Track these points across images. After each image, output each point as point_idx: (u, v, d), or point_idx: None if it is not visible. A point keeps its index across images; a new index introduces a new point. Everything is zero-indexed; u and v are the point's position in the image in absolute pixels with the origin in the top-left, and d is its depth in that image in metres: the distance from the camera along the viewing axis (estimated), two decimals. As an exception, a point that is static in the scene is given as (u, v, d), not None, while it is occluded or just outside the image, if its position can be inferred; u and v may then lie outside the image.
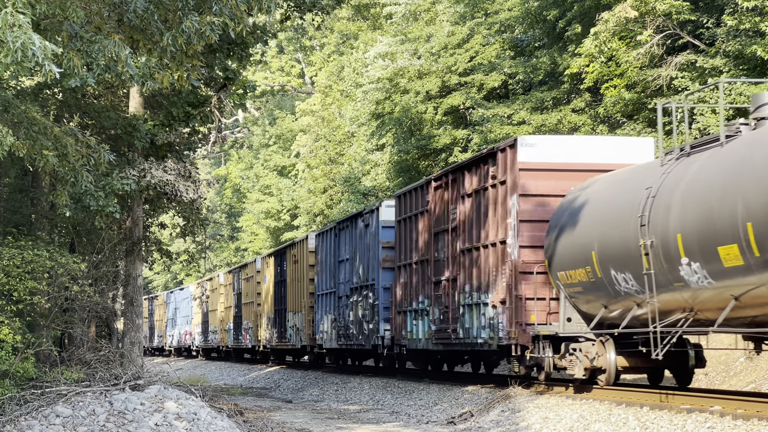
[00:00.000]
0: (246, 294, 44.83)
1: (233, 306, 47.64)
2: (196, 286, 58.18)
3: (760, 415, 12.58)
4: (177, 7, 12.24)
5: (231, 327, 48.00)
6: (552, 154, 19.02)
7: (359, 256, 28.50)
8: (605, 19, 26.84)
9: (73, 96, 20.41)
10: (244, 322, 44.76)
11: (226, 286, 50.25)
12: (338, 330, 30.10)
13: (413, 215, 24.45)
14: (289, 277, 36.81)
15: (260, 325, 41.47)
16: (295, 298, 35.85)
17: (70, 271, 18.43)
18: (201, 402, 15.18)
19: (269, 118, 68.59)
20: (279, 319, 38.27)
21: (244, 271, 45.99)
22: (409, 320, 24.44)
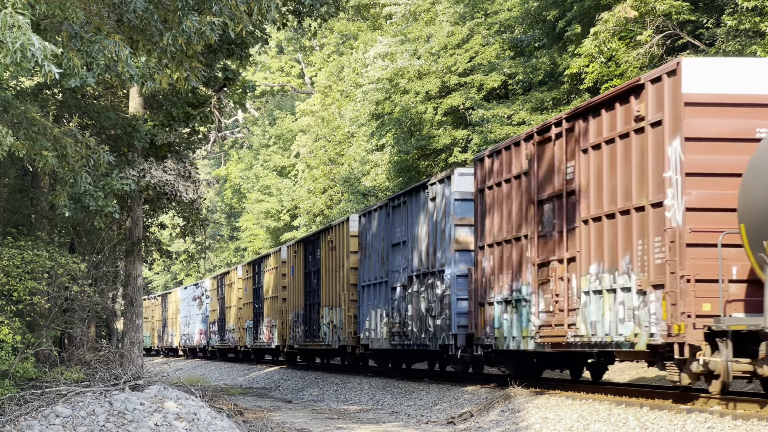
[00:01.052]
0: (268, 288, 40.45)
1: (253, 302, 43.47)
2: (211, 281, 54.27)
3: (760, 415, 12.58)
4: (177, 7, 12.25)
5: (250, 325, 43.77)
6: (731, 82, 14.56)
7: (421, 237, 24.06)
8: (605, 19, 26.85)
9: (72, 96, 20.41)
10: (266, 320, 40.48)
11: (245, 280, 45.90)
12: (391, 327, 25.88)
13: (501, 182, 20.02)
14: (324, 267, 32.31)
15: (286, 323, 37.31)
16: (331, 291, 31.51)
17: (70, 271, 18.43)
18: (201, 402, 15.18)
19: (269, 118, 68.60)
20: (310, 316, 34.02)
21: (266, 262, 41.43)
22: (496, 314, 20.02)
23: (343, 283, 30.05)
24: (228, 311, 48.86)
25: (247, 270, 45.61)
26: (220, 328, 51.04)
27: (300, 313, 35.20)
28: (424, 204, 23.94)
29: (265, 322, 40.43)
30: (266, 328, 40.34)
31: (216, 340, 51.70)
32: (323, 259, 32.39)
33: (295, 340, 35.94)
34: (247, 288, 44.95)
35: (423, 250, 23.85)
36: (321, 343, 32.34)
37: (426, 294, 23.59)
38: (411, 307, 24.59)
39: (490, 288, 20.41)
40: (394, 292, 25.94)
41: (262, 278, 41.99)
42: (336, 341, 30.63)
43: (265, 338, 40.42)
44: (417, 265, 24.29)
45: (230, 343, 48.23)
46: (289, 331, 36.84)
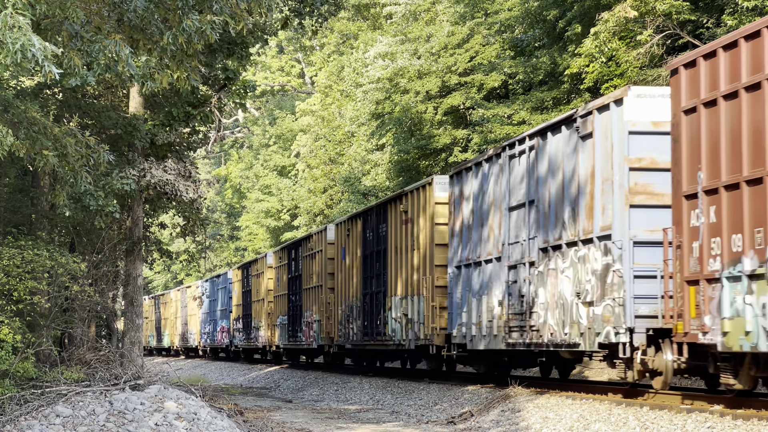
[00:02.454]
0: (310, 276, 34.21)
1: (288, 293, 37.15)
2: (235, 271, 48.03)
3: (760, 415, 12.58)
4: (177, 6, 12.25)
5: (284, 321, 37.49)
6: None
7: (563, 192, 17.72)
8: (605, 19, 26.84)
9: (73, 96, 20.42)
10: (306, 314, 34.38)
11: (278, 269, 39.45)
12: (508, 320, 19.51)
13: (740, 90, 13.23)
14: (393, 246, 25.92)
15: (334, 318, 31.25)
16: (404, 276, 25.19)
17: (70, 271, 18.44)
18: (201, 402, 15.18)
19: (269, 118, 68.62)
20: (370, 308, 27.67)
21: (306, 245, 34.97)
22: (726, 296, 13.31)
23: (425, 264, 23.70)
24: (255, 306, 42.75)
25: (280, 256, 39.08)
26: (245, 325, 44.83)
27: (355, 305, 28.94)
28: (570, 144, 17.50)
29: (304, 317, 34.50)
30: (306, 324, 34.45)
31: (240, 339, 45.83)
32: (392, 235, 25.92)
33: (348, 339, 29.69)
34: (281, 277, 38.53)
35: (566, 210, 17.47)
36: (387, 342, 26.03)
37: (572, 271, 17.16)
38: (544, 291, 18.11)
39: (711, 257, 13.76)
40: (513, 272, 19.42)
41: (300, 265, 35.53)
42: (412, 339, 24.33)
43: (304, 336, 34.56)
44: (555, 231, 17.86)
45: (258, 343, 42.07)
46: (338, 327, 30.71)
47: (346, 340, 30.01)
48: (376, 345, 27.40)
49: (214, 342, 51.67)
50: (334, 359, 34.08)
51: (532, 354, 20.70)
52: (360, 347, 29.41)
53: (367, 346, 28.37)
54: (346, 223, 30.24)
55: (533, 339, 18.51)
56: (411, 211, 24.77)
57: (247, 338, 44.31)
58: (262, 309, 41.06)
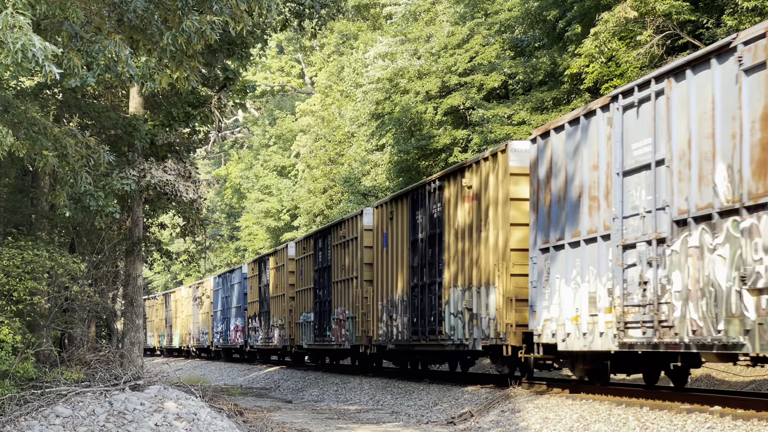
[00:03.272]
0: (340, 267, 30.35)
1: (314, 288, 33.48)
2: (250, 266, 44.48)
3: (760, 415, 12.58)
4: (177, 7, 12.25)
5: (309, 319, 33.93)
6: None
7: (706, 146, 13.82)
8: (605, 20, 26.85)
9: (73, 96, 20.42)
10: (336, 310, 30.59)
11: (300, 261, 35.53)
12: (622, 314, 15.52)
13: None
14: (450, 228, 22.26)
15: (372, 314, 27.49)
16: (465, 263, 21.46)
17: (70, 271, 18.44)
18: (201, 402, 15.18)
19: (269, 118, 68.65)
20: (420, 302, 23.79)
21: (335, 233, 31.00)
22: None
23: (496, 249, 19.97)
24: (274, 302, 38.92)
25: (303, 247, 35.19)
26: (262, 323, 40.96)
27: (400, 299, 25.23)
28: (726, 80, 13.43)
29: (334, 313, 30.71)
30: (337, 322, 30.60)
31: (257, 339, 41.90)
32: (450, 215, 22.29)
33: (390, 338, 25.88)
34: (304, 270, 34.89)
35: (719, 167, 13.40)
36: (444, 342, 22.33)
37: (730, 249, 13.16)
38: (681, 275, 14.17)
39: None
40: (629, 253, 15.49)
41: (329, 255, 31.82)
42: (477, 338, 20.71)
43: (334, 336, 30.89)
44: (700, 197, 13.87)
45: (276, 342, 38.39)
46: (377, 325, 27.02)
47: (387, 340, 26.03)
48: (428, 345, 23.35)
49: (228, 342, 48.21)
50: (369, 361, 30.23)
51: (656, 356, 16.67)
52: (406, 348, 25.17)
53: (416, 346, 24.21)
54: (389, 205, 26.21)
55: (664, 338, 14.40)
56: (478, 186, 20.93)
57: (265, 338, 40.51)
58: (282, 305, 37.31)
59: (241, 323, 45.38)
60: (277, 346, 38.30)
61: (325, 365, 35.86)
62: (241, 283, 45.72)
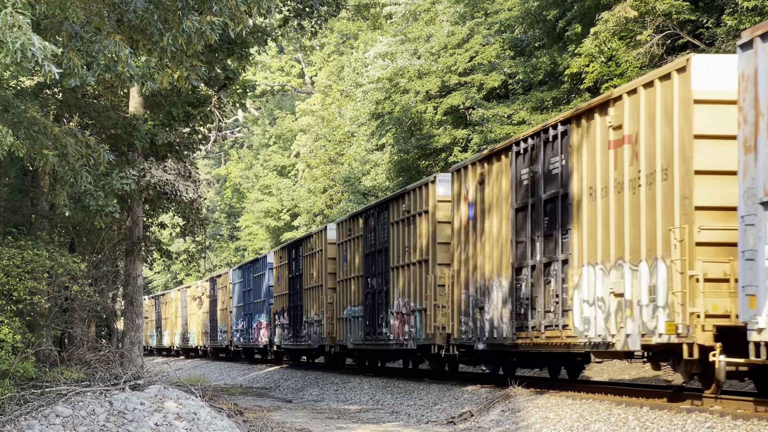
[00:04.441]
0: (401, 249, 25.16)
1: (363, 275, 28.18)
2: (276, 254, 39.61)
3: (759, 415, 12.58)
4: (177, 7, 12.25)
5: (355, 313, 28.80)
6: None
7: None
8: (605, 19, 26.85)
9: (73, 96, 20.42)
10: (396, 302, 25.25)
11: (343, 245, 30.37)
12: None
13: None
14: (581, 186, 16.83)
15: (452, 307, 22.07)
16: (604, 231, 16.10)
17: (70, 271, 18.44)
18: (201, 402, 15.18)
19: (269, 118, 68.67)
20: (537, 288, 18.09)
21: (395, 207, 25.66)
22: None
23: (668, 207, 14.60)
24: (308, 295, 33.95)
25: (349, 228, 29.81)
26: (293, 320, 35.83)
27: (496, 285, 19.74)
28: None
29: (393, 306, 25.60)
30: (396, 316, 25.42)
31: (286, 338, 36.84)
32: (579, 170, 16.80)
33: (480, 335, 20.45)
34: (349, 254, 29.78)
35: None
36: (570, 339, 16.82)
37: None
38: None
39: None
40: None
41: (384, 236, 26.29)
42: (632, 333, 15.28)
43: (391, 333, 25.69)
44: None
45: (311, 341, 33.34)
46: (457, 318, 21.70)
47: (475, 338, 20.79)
48: (540, 344, 18.10)
49: (250, 341, 42.97)
50: (443, 365, 24.82)
51: None
52: (507, 348, 19.63)
53: (521, 345, 18.93)
54: (478, 165, 20.91)
55: None
56: (631, 124, 15.56)
57: (294, 336, 35.54)
58: (319, 298, 32.30)
59: (265, 320, 40.51)
60: (311, 345, 33.25)
61: (378, 369, 30.25)
62: (266, 275, 40.63)
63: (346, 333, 29.71)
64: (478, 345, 20.73)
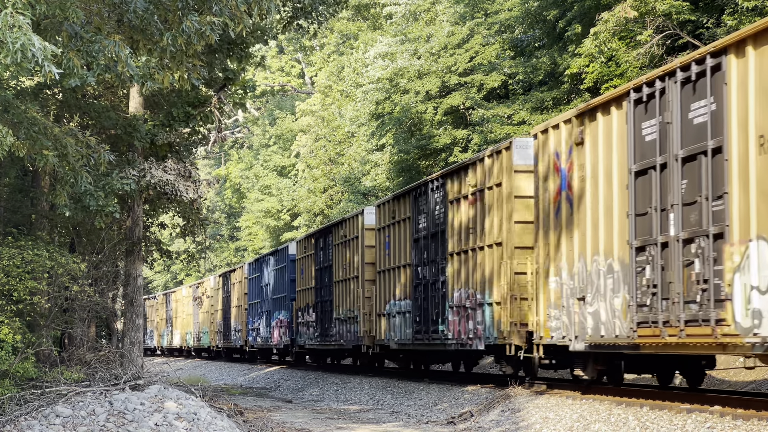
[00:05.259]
0: (462, 231, 21.28)
1: (411, 263, 24.20)
2: (300, 244, 35.46)
3: (760, 415, 12.58)
4: (177, 7, 12.26)
5: (404, 308, 24.71)
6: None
7: None
8: (605, 19, 26.86)
9: (73, 96, 20.42)
10: (458, 295, 21.39)
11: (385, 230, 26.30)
12: None
13: None
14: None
15: (539, 296, 18.03)
16: None
17: (70, 271, 18.44)
18: (201, 402, 15.18)
19: (269, 118, 68.69)
20: (671, 269, 14.12)
21: (457, 180, 21.69)
22: None
23: None
24: (339, 289, 30.28)
25: (392, 211, 25.78)
26: (321, 317, 32.19)
27: (603, 270, 15.89)
28: None
29: (452, 299, 21.62)
30: (457, 311, 21.40)
31: (312, 337, 33.42)
32: (755, 108, 12.69)
33: (580, 331, 16.42)
34: (392, 240, 25.78)
35: None
36: (728, 335, 12.88)
37: None
38: None
39: None
40: None
41: (440, 217, 22.60)
42: None
43: (450, 330, 21.71)
44: None
45: (343, 341, 29.88)
46: (546, 312, 17.65)
47: (571, 335, 16.73)
48: (678, 344, 14.07)
49: (268, 341, 39.69)
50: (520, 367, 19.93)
51: None
52: (620, 349, 15.70)
53: (643, 347, 15.00)
54: (578, 121, 16.88)
55: None
56: None
57: (322, 335, 31.94)
58: (354, 292, 28.78)
59: (286, 317, 36.83)
60: (343, 345, 29.72)
61: (430, 373, 26.34)
62: (287, 267, 36.78)
63: (389, 331, 25.82)
64: (575, 345, 16.56)
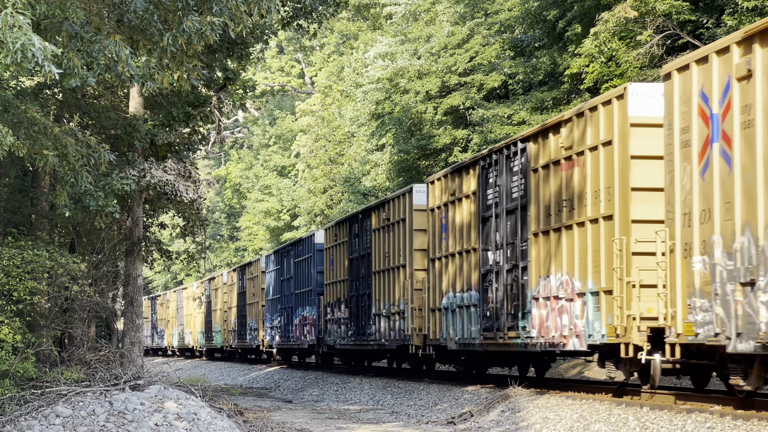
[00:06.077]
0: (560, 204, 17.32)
1: (480, 247, 20.34)
2: (333, 232, 31.55)
3: (760, 415, 12.58)
4: (177, 8, 12.26)
5: (468, 299, 21.02)
6: None
7: None
8: (605, 19, 26.85)
9: (73, 96, 20.42)
10: (543, 284, 17.79)
11: (445, 209, 22.55)
12: None
13: None
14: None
15: (668, 285, 14.19)
16: None
17: (70, 271, 18.44)
18: (201, 402, 15.18)
19: (269, 118, 68.68)
20: None
21: (543, 144, 17.95)
22: None
23: None
24: (379, 280, 26.48)
25: (451, 186, 22.22)
26: (356, 313, 28.45)
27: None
28: None
29: (537, 288, 17.94)
30: (540, 302, 17.84)
31: (344, 336, 29.76)
32: None
33: (746, 327, 12.22)
34: (450, 222, 22.18)
35: None
36: None
37: None
38: None
39: None
40: None
41: (523, 185, 18.57)
42: None
43: (534, 326, 17.93)
44: None
45: (385, 341, 25.93)
46: (682, 301, 13.87)
47: (728, 332, 12.64)
48: None
49: (290, 340, 36.02)
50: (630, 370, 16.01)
51: None
52: None
53: None
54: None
55: None
56: None
57: (358, 334, 28.24)
58: (397, 283, 25.05)
59: (312, 314, 33.18)
60: (385, 345, 25.93)
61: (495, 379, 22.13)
62: (313, 258, 33.26)
63: (446, 328, 22.03)
64: (737, 345, 12.46)
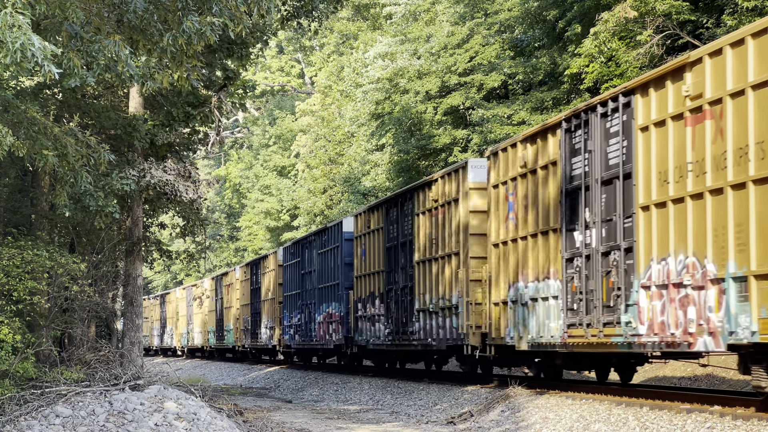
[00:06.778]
0: (683, 168, 13.59)
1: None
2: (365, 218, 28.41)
3: (760, 416, 12.58)
4: (177, 8, 12.25)
5: (548, 292, 17.58)
6: None
7: None
8: (605, 19, 26.86)
9: (73, 96, 20.42)
10: (658, 269, 14.23)
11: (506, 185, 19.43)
12: None
13: None
14: None
15: None
16: None
17: (70, 271, 18.44)
18: (201, 402, 15.18)
19: (269, 118, 68.68)
20: None
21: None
22: None
23: None
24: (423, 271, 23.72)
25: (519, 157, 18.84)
26: (394, 309, 25.53)
27: None
28: None
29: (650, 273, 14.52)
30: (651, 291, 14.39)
31: (379, 335, 26.73)
32: None
33: None
34: (519, 198, 18.87)
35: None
36: None
37: None
38: None
39: None
40: None
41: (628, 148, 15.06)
42: None
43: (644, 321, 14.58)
44: None
45: (432, 340, 23.03)
46: None
47: None
48: None
49: (312, 339, 33.19)
50: None
51: None
52: None
53: None
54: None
55: None
56: None
57: (397, 333, 25.13)
58: (450, 274, 22.11)
59: (338, 311, 30.19)
60: (432, 345, 22.98)
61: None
62: (340, 249, 30.10)
63: (514, 325, 18.90)
64: None
